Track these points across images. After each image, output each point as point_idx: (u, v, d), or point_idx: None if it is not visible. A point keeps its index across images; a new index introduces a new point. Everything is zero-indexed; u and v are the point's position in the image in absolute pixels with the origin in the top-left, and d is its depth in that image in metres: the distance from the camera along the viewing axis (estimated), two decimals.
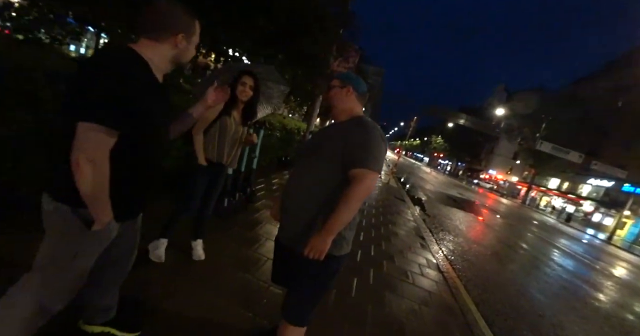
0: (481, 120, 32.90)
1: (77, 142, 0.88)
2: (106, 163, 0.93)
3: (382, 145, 1.29)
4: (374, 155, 1.24)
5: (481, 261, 5.25)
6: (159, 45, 1.05)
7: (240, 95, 2.12)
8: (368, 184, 1.22)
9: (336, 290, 2.53)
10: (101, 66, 0.92)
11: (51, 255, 1.07)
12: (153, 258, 2.14)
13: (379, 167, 1.25)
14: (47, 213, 1.04)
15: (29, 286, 1.07)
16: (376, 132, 1.28)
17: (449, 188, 21.32)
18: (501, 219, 12.87)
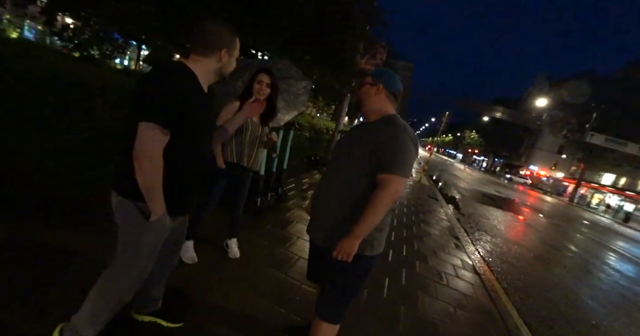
0: (520, 112, 30.71)
1: (138, 139, 1.05)
2: (160, 158, 1.09)
3: (411, 149, 1.26)
4: (401, 160, 1.22)
5: (523, 264, 4.93)
6: (206, 59, 1.20)
7: (257, 93, 2.07)
8: (395, 189, 1.21)
9: (368, 289, 2.53)
10: (158, 77, 1.10)
11: (122, 246, 1.24)
12: (187, 260, 2.20)
13: (407, 172, 1.23)
14: (114, 207, 1.21)
15: (108, 278, 1.27)
16: (406, 135, 1.25)
17: (485, 185, 20.19)
18: (545, 218, 11.96)
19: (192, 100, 1.12)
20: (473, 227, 6.68)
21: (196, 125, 1.17)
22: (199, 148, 1.27)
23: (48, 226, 2.18)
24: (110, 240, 2.15)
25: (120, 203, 1.19)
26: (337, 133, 8.53)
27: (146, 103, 1.06)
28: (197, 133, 1.21)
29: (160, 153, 1.08)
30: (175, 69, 1.15)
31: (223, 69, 1.26)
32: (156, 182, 1.10)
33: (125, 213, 1.19)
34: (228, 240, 2.52)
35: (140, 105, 1.07)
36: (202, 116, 1.19)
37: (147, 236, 1.21)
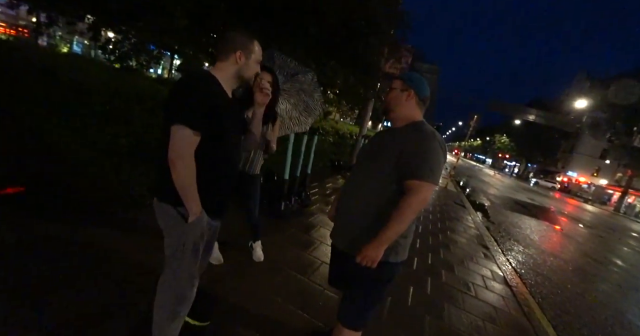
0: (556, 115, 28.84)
1: (170, 142, 1.13)
2: (192, 159, 1.15)
3: (440, 155, 1.24)
4: (430, 166, 1.20)
5: (560, 278, 4.60)
6: (225, 63, 1.28)
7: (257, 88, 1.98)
8: (423, 196, 1.20)
9: (392, 297, 2.48)
10: (184, 83, 1.19)
11: (168, 250, 1.31)
12: (213, 261, 2.27)
13: (435, 179, 1.21)
14: (157, 213, 1.29)
15: (162, 286, 1.35)
16: (435, 141, 1.24)
17: (517, 192, 19.11)
18: (586, 229, 11.08)
19: (218, 103, 1.20)
20: (504, 236, 6.34)
21: (223, 128, 1.25)
22: (229, 150, 1.33)
23: (86, 224, 2.36)
24: (141, 239, 2.29)
25: (161, 209, 1.27)
26: (360, 137, 8.50)
27: (175, 108, 1.15)
28: (226, 136, 1.28)
29: (192, 153, 1.15)
30: (200, 76, 1.25)
31: (242, 72, 1.30)
32: (191, 182, 1.17)
33: (167, 217, 1.27)
34: (253, 243, 2.58)
35: (170, 111, 1.16)
36: (228, 119, 1.27)
37: (189, 237, 1.28)
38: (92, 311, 1.60)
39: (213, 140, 1.22)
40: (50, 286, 1.69)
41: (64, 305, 1.58)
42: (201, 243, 1.34)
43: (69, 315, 1.53)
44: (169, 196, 1.21)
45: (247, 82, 1.37)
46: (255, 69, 1.35)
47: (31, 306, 1.53)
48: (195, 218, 1.22)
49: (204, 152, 1.20)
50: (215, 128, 1.20)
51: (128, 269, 1.99)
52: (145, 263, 2.07)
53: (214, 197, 1.33)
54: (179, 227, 1.25)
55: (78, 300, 1.64)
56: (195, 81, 1.20)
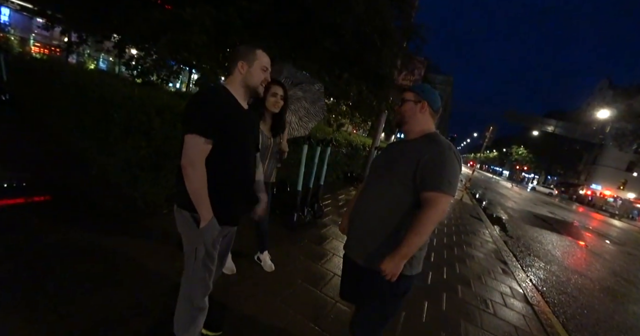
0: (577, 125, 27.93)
1: (183, 149, 1.20)
2: (203, 166, 1.21)
3: (456, 167, 1.23)
4: (447, 178, 1.19)
5: (586, 297, 4.34)
6: (232, 76, 1.37)
7: (272, 107, 2.01)
8: (441, 208, 1.18)
9: (405, 313, 2.41)
10: (198, 96, 1.29)
11: (185, 255, 1.36)
12: (226, 271, 2.29)
13: (453, 190, 1.20)
14: (176, 219, 1.36)
15: (183, 290, 1.41)
16: (451, 153, 1.23)
17: (536, 205, 18.38)
18: (613, 246, 10.47)
19: (230, 113, 1.27)
20: (523, 251, 6.08)
21: (236, 136, 1.31)
22: (242, 159, 1.38)
23: (106, 232, 2.44)
24: (157, 247, 2.34)
25: (179, 215, 1.34)
26: (373, 149, 8.48)
27: (189, 118, 1.23)
28: (238, 144, 1.33)
29: (203, 161, 1.21)
30: (214, 89, 1.34)
31: (247, 80, 1.35)
32: (201, 189, 1.22)
33: (184, 223, 1.33)
34: (260, 254, 2.58)
35: (184, 121, 1.25)
36: (241, 128, 1.33)
37: (201, 243, 1.33)
38: (109, 317, 1.64)
39: (226, 148, 1.27)
40: (70, 292, 1.74)
41: (82, 310, 1.63)
42: (213, 250, 1.38)
43: (87, 320, 1.58)
44: (185, 202, 1.27)
45: (255, 90, 1.38)
46: (261, 75, 1.37)
47: (52, 311, 1.58)
48: (206, 224, 1.26)
49: (217, 160, 1.25)
50: (227, 137, 1.26)
51: (144, 275, 2.03)
52: (160, 270, 2.12)
53: (227, 204, 1.36)
54: (193, 232, 1.31)
55: (95, 306, 1.68)
56: (207, 93, 1.29)
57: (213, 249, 1.38)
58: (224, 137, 1.25)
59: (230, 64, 1.36)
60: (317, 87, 2.58)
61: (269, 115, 2.09)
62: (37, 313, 1.55)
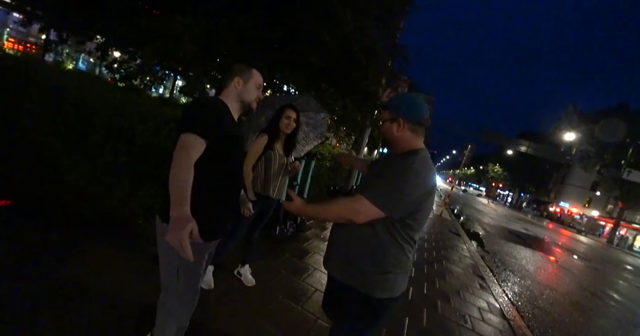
0: (547, 146, 29.64)
1: (177, 147, 1.13)
2: (191, 163, 1.13)
3: (407, 187, 1.13)
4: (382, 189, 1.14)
5: (558, 311, 4.49)
6: (227, 90, 1.40)
7: (285, 128, 2.22)
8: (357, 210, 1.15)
9: (386, 329, 2.40)
10: (200, 101, 1.36)
11: (165, 273, 1.29)
12: (203, 286, 2.18)
13: (380, 200, 1.13)
14: (158, 233, 1.29)
15: (163, 304, 1.34)
16: (411, 173, 1.14)
17: (511, 222, 19.10)
18: (581, 261, 10.99)
19: (226, 123, 1.28)
20: (499, 266, 6.26)
21: (228, 147, 1.31)
22: (231, 171, 1.37)
23: (78, 241, 2.29)
24: (131, 258, 2.23)
25: (162, 228, 1.27)
26: None
27: (187, 119, 1.21)
28: (229, 156, 1.33)
29: (193, 158, 1.14)
30: (210, 99, 1.38)
31: (242, 96, 1.40)
32: (185, 190, 1.11)
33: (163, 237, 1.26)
34: (240, 268, 2.51)
35: (180, 124, 1.20)
36: (234, 139, 1.34)
37: (183, 261, 1.24)
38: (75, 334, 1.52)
39: (220, 156, 1.26)
40: (31, 306, 1.61)
41: (45, 324, 1.50)
42: (199, 268, 1.32)
43: None
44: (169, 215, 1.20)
45: (249, 106, 1.44)
46: (255, 93, 1.44)
47: (14, 324, 1.45)
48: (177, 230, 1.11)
49: (206, 169, 1.22)
50: (221, 145, 1.25)
51: (114, 290, 1.91)
52: (133, 284, 2.00)
53: (214, 217, 1.32)
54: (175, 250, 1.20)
55: (59, 321, 1.55)
56: (207, 101, 1.34)
57: (199, 266, 1.32)
58: (220, 145, 1.24)
59: (226, 79, 1.41)
60: (322, 115, 2.72)
61: (283, 135, 2.27)
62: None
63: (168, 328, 1.35)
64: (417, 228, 1.23)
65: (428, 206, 1.21)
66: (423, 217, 1.22)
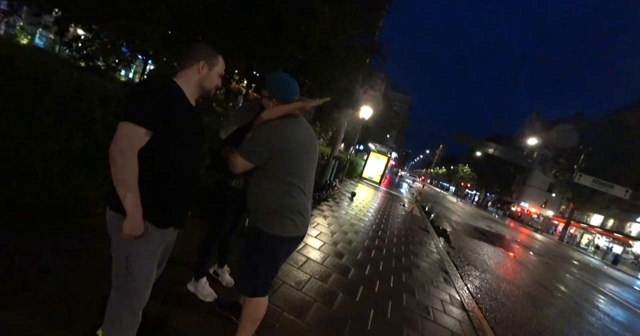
0: (512, 150, 31.57)
1: (115, 136, 1.08)
2: (134, 157, 1.10)
3: (265, 140, 1.46)
4: (246, 143, 1.49)
5: (512, 303, 4.82)
6: (187, 71, 1.29)
7: None
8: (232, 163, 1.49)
9: (351, 321, 2.43)
10: (146, 85, 1.22)
11: (115, 262, 1.24)
12: (206, 299, 2.07)
13: (246, 155, 1.46)
14: (107, 221, 1.23)
15: (112, 300, 1.27)
16: (269, 128, 1.48)
17: (476, 220, 20.19)
18: (535, 257, 11.87)
19: (177, 108, 1.19)
20: (463, 261, 6.58)
21: (182, 133, 1.22)
22: (186, 157, 1.28)
23: (27, 233, 2.10)
24: (89, 249, 2.08)
25: (110, 217, 1.20)
26: (332, 159, 8.62)
27: (129, 106, 1.13)
28: (182, 142, 1.24)
29: (134, 152, 1.09)
30: (162, 80, 1.24)
31: (203, 82, 1.31)
32: (129, 180, 1.09)
33: (113, 226, 1.19)
34: (217, 268, 2.38)
35: (124, 108, 1.13)
36: (188, 125, 1.25)
37: (133, 250, 1.20)
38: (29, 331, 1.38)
39: (171, 144, 1.19)
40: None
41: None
42: (151, 260, 1.26)
43: None
44: (118, 204, 1.13)
45: (207, 93, 1.37)
46: (216, 81, 1.36)
47: None
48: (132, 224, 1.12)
49: (157, 156, 1.16)
50: (173, 132, 1.18)
51: (70, 283, 1.77)
52: (85, 278, 1.87)
53: (167, 206, 1.26)
54: (125, 240, 1.17)
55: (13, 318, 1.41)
56: (155, 84, 1.20)
57: (151, 258, 1.25)
58: (169, 131, 1.16)
59: (187, 60, 1.28)
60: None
61: None
62: None
63: (118, 323, 1.27)
64: (293, 174, 1.50)
65: (301, 158, 1.52)
66: (295, 165, 1.50)
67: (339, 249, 4.13)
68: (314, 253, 3.63)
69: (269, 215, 1.51)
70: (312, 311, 2.39)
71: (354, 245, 4.56)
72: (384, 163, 17.85)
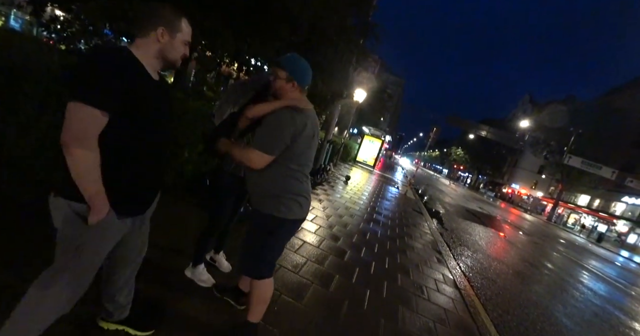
0: (504, 132, 31.86)
1: (65, 121, 0.93)
2: (95, 145, 0.96)
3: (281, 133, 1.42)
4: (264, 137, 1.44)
5: (502, 280, 5.00)
6: (144, 40, 1.10)
7: None
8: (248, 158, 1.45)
9: (348, 301, 2.49)
10: (98, 57, 1.01)
11: (59, 251, 1.10)
12: (204, 284, 2.08)
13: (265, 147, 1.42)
14: (52, 210, 1.08)
15: (46, 281, 1.11)
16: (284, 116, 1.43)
17: (469, 201, 20.61)
18: (524, 236, 12.26)
19: (135, 83, 1.03)
20: (455, 241, 6.76)
21: (145, 111, 1.08)
22: (151, 137, 1.15)
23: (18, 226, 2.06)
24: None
25: (54, 204, 1.06)
26: (326, 142, 8.58)
27: (80, 83, 0.95)
28: (145, 121, 1.10)
29: (94, 138, 0.96)
30: (116, 52, 1.06)
31: (165, 52, 1.13)
32: (92, 174, 0.97)
33: (60, 215, 1.06)
34: (213, 255, 2.38)
35: (71, 86, 0.97)
36: (149, 101, 1.09)
37: (87, 240, 1.09)
38: None
39: (129, 125, 1.05)
40: None
41: None
42: (106, 250, 1.16)
43: None
44: (64, 188, 1.02)
45: (173, 65, 1.20)
46: (182, 50, 1.18)
47: None
48: (98, 219, 1.02)
49: (119, 138, 1.03)
50: (134, 111, 1.03)
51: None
52: None
53: (133, 194, 1.16)
54: (75, 228, 1.05)
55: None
56: (108, 56, 1.01)
57: (106, 250, 1.15)
58: (130, 110, 1.02)
59: (143, 26, 1.10)
60: None
61: None
62: None
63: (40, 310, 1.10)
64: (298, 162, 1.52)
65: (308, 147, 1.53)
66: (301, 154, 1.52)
67: (334, 232, 4.18)
68: (310, 236, 3.67)
69: (274, 198, 1.51)
70: (310, 293, 2.44)
71: (349, 228, 4.62)
72: (378, 146, 17.86)
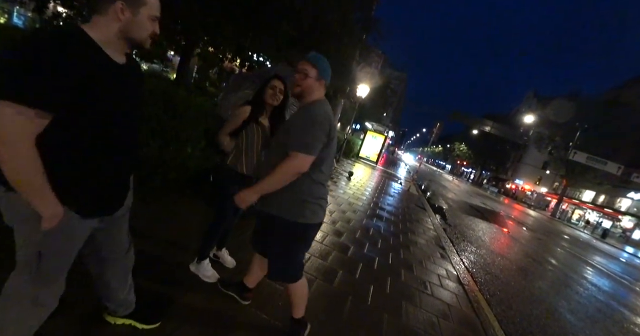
0: (508, 128, 31.59)
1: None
2: (28, 146, 0.82)
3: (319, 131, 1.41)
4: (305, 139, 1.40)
5: (506, 276, 4.99)
6: (101, 18, 0.94)
7: (270, 99, 2.01)
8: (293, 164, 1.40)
9: (352, 297, 2.50)
10: (30, 40, 0.82)
11: (20, 253, 1.02)
12: (208, 279, 2.09)
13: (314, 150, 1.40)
14: (3, 207, 0.97)
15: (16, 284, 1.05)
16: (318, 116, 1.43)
17: (472, 197, 20.54)
18: (528, 232, 12.21)
19: (88, 69, 0.87)
20: (459, 237, 6.75)
21: (104, 100, 0.94)
22: (116, 132, 1.02)
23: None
24: None
25: (5, 199, 0.93)
26: None
27: (10, 76, 0.78)
28: (108, 111, 0.97)
29: (27, 139, 0.81)
30: (63, 30, 0.89)
31: (128, 31, 0.97)
32: (30, 177, 0.85)
33: (16, 215, 0.96)
34: (216, 251, 2.39)
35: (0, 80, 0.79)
36: (111, 89, 0.96)
37: (54, 244, 1.00)
38: None
39: (86, 116, 0.92)
40: None
41: None
42: (70, 257, 1.08)
43: None
44: None
45: (141, 45, 1.04)
46: (150, 27, 1.02)
47: None
48: (51, 224, 0.92)
49: (77, 132, 0.92)
50: (86, 101, 0.88)
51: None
52: None
53: (97, 193, 1.05)
54: (35, 230, 0.93)
55: None
56: (49, 38, 0.83)
57: (71, 253, 1.06)
58: (84, 101, 0.88)
59: (99, 1, 0.93)
60: None
61: (269, 108, 2.09)
62: None
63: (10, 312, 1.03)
64: (325, 163, 1.51)
65: (332, 149, 1.53)
66: (328, 155, 1.51)
67: (337, 228, 4.18)
68: None
69: (301, 203, 1.50)
70: (314, 288, 2.45)
71: (353, 224, 4.62)
72: (381, 142, 17.78)
